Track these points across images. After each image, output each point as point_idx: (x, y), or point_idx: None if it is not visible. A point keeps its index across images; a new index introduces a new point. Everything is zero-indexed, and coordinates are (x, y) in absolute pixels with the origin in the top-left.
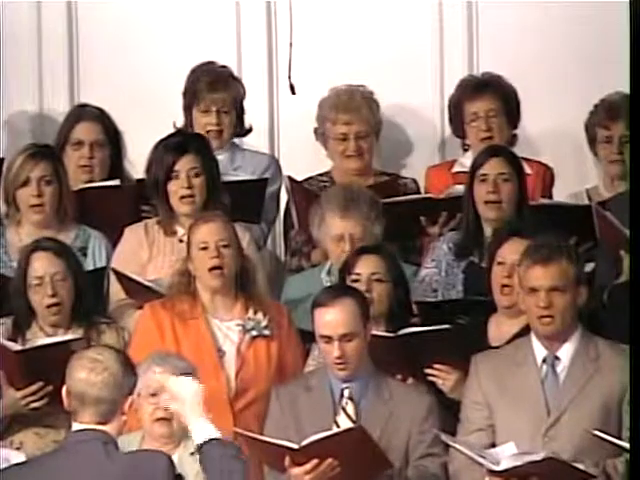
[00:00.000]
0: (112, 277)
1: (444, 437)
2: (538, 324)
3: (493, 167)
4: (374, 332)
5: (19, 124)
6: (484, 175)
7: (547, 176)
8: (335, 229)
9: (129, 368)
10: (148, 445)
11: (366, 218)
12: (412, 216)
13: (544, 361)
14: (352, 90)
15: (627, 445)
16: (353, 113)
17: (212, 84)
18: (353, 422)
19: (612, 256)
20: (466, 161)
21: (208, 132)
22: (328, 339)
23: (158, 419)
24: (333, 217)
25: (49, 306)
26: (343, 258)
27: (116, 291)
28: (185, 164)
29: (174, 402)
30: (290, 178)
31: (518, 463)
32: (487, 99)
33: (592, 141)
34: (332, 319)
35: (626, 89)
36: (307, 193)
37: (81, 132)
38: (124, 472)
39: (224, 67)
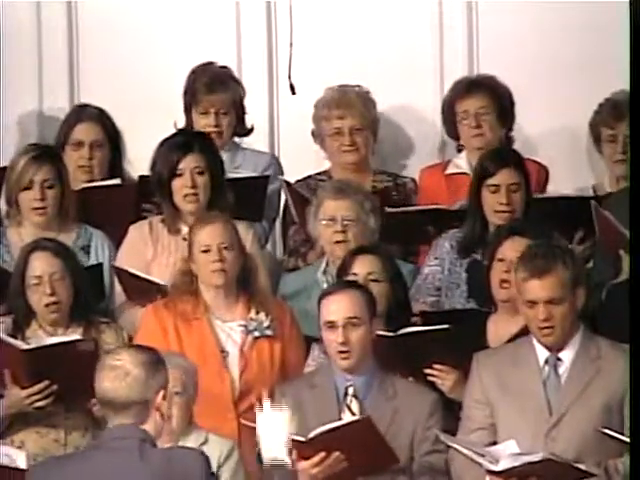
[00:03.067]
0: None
1: (443, 437)
2: (539, 334)
3: (504, 178)
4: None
5: (19, 124)
6: (495, 186)
7: (541, 174)
8: (328, 210)
9: (153, 365)
10: None
11: (360, 205)
12: (419, 224)
13: (546, 362)
14: (346, 88)
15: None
16: (346, 108)
17: (210, 85)
18: None
19: (611, 255)
20: (460, 162)
21: (208, 134)
22: (332, 325)
23: None
24: (327, 199)
25: (47, 305)
26: (335, 239)
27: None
28: (189, 163)
29: None
30: (285, 181)
31: (517, 464)
32: (477, 97)
33: (597, 140)
34: (338, 304)
35: (626, 89)
36: (301, 196)
37: (81, 133)
38: (159, 469)
39: (224, 67)
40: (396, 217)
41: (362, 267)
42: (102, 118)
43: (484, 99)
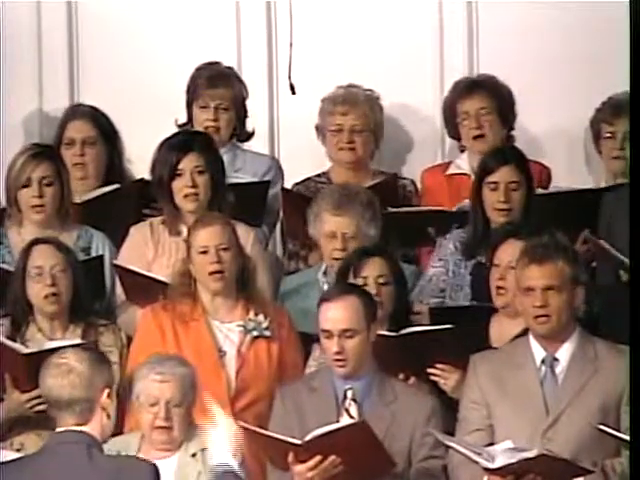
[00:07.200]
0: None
1: (439, 435)
2: (534, 324)
3: (504, 176)
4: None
5: (19, 124)
6: (494, 183)
7: (544, 176)
8: (328, 225)
9: (97, 363)
10: (146, 447)
11: (360, 217)
12: (420, 226)
13: (543, 362)
14: (356, 89)
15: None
16: (350, 106)
17: (212, 79)
18: None
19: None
20: (461, 163)
21: (206, 129)
22: (328, 334)
23: (158, 427)
24: (326, 213)
25: (47, 296)
26: (335, 256)
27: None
28: (189, 162)
29: None
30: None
31: (512, 460)
32: (478, 98)
33: (596, 138)
34: (334, 314)
35: (626, 89)
36: (298, 199)
37: (72, 130)
38: (105, 478)
39: (229, 68)
40: (397, 218)
41: (371, 270)
42: (95, 116)
43: (484, 100)
